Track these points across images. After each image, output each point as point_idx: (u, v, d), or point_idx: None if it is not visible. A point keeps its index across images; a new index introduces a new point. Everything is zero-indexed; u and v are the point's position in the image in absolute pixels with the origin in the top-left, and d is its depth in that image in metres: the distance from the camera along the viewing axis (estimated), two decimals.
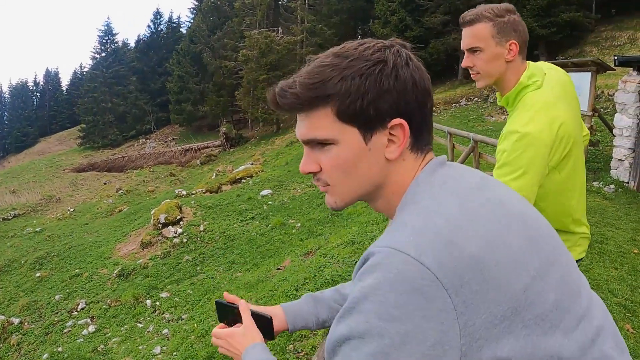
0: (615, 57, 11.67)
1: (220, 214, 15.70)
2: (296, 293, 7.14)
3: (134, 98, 61.71)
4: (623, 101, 11.59)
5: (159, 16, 72.16)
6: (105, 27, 66.78)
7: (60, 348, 9.74)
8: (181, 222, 14.85)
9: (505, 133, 2.23)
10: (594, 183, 11.84)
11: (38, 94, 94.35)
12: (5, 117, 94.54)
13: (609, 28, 29.21)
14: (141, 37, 74.68)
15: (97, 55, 65.91)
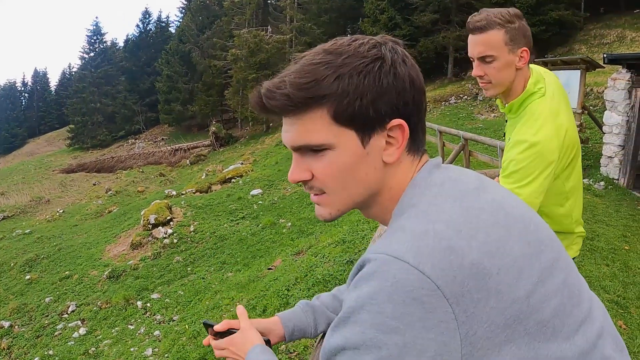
0: (605, 55, 11.76)
1: (211, 214, 15.68)
2: (287, 293, 7.14)
3: (123, 98, 61.46)
4: (612, 98, 11.68)
5: (147, 16, 71.96)
6: (94, 27, 66.47)
7: (51, 351, 9.70)
8: (171, 223, 14.81)
9: (513, 142, 2.20)
10: (584, 180, 11.92)
11: (26, 95, 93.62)
12: None
13: (597, 26, 29.36)
14: (130, 36, 74.37)
15: (85, 55, 65.54)
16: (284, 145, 1.12)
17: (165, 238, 13.96)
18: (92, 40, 65.81)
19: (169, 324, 9.58)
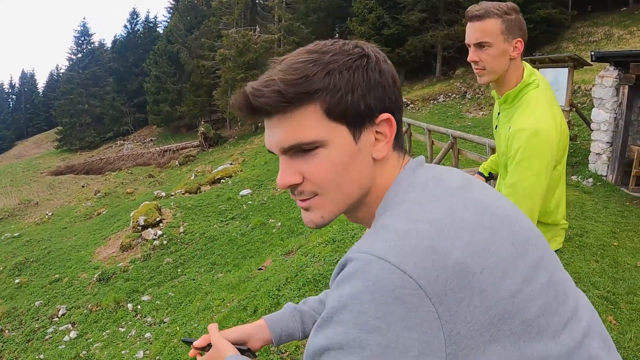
0: (592, 53, 11.85)
1: (200, 214, 15.66)
2: (278, 293, 7.14)
3: (111, 99, 61.21)
4: (600, 96, 11.77)
5: (135, 16, 71.69)
6: (82, 28, 66.13)
7: (42, 355, 9.68)
8: (161, 224, 14.79)
9: (514, 131, 2.24)
10: (573, 177, 12.00)
11: (14, 97, 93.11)
12: None
13: (585, 24, 29.51)
14: (118, 37, 74.30)
15: (73, 56, 65.21)
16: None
17: (155, 239, 13.93)
18: (80, 41, 65.52)
19: (159, 326, 9.56)
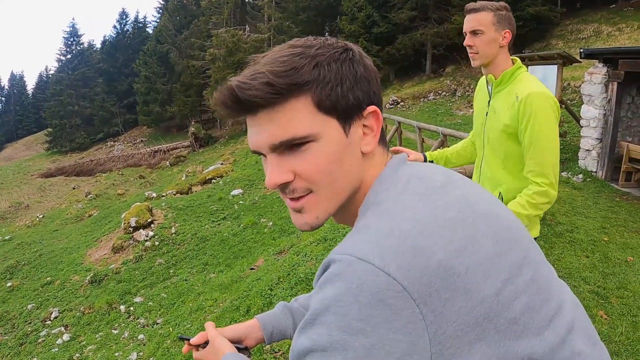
0: (581, 50, 11.95)
1: (192, 215, 15.63)
2: (270, 292, 7.16)
3: (101, 100, 61.14)
4: (589, 92, 11.86)
5: (124, 16, 71.73)
6: (71, 29, 66.24)
7: (35, 359, 9.64)
8: (152, 225, 14.75)
9: (525, 96, 2.57)
10: (563, 173, 12.09)
11: (3, 99, 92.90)
12: None
13: (574, 21, 29.64)
14: (107, 38, 74.21)
15: (62, 58, 65.21)
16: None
17: (146, 241, 13.90)
18: (69, 42, 65.50)
19: (152, 327, 9.55)
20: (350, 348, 0.82)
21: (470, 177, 2.83)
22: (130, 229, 14.41)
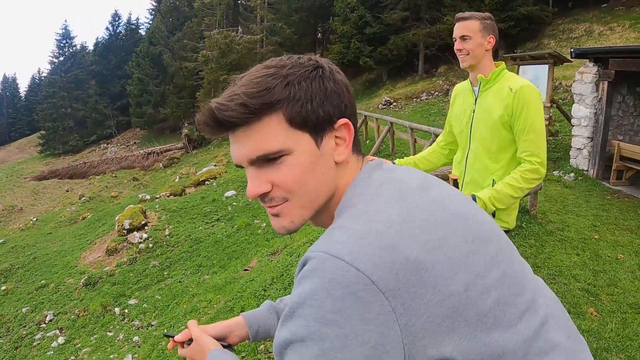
0: (572, 50, 12.02)
1: (185, 217, 15.64)
2: (264, 293, 7.18)
3: (94, 102, 60.84)
4: (580, 92, 11.93)
5: (117, 18, 71.51)
6: (63, 31, 65.75)
7: None
8: (146, 227, 14.76)
9: (518, 88, 2.95)
10: (555, 172, 12.16)
11: None
12: None
13: (566, 21, 29.76)
14: (100, 39, 73.85)
15: (55, 60, 64.79)
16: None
17: (140, 243, 13.90)
18: (62, 44, 65.09)
19: (147, 329, 9.57)
20: (326, 338, 0.87)
21: (445, 179, 3.06)
22: (124, 231, 14.40)
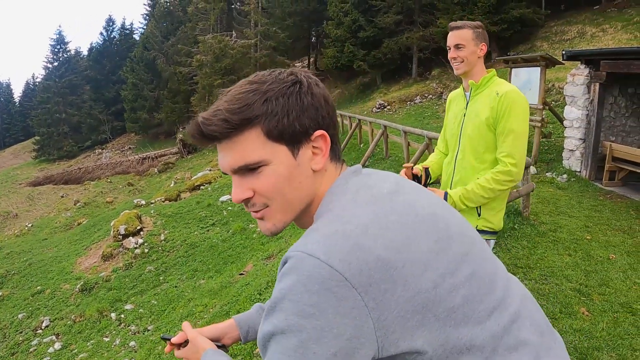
0: (564, 52, 12.08)
1: (181, 222, 15.66)
2: (260, 297, 7.23)
3: (89, 107, 60.81)
4: (572, 94, 11.99)
5: (111, 23, 71.35)
6: (57, 36, 65.56)
7: None
8: (141, 233, 14.78)
9: (504, 92, 3.06)
10: (547, 174, 12.22)
11: None
12: None
13: (558, 23, 29.80)
14: (94, 45, 73.66)
15: (49, 65, 64.61)
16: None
17: (136, 248, 13.92)
18: (56, 50, 64.92)
19: (144, 334, 9.58)
20: (304, 330, 0.95)
21: None
22: (119, 236, 14.42)
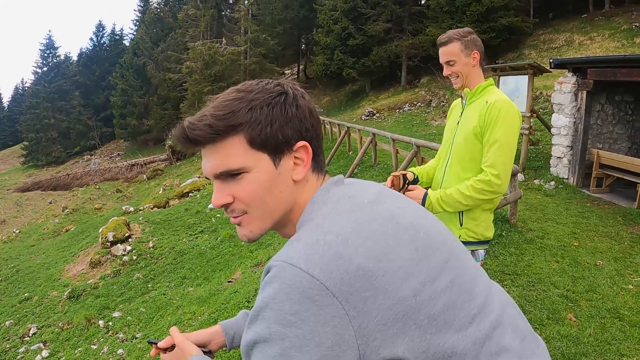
0: (551, 60, 12.18)
1: (169, 229, 15.62)
2: (248, 305, 7.22)
3: (78, 113, 60.52)
4: (559, 101, 12.10)
5: (101, 28, 71.08)
6: (47, 41, 65.49)
7: None
8: (130, 240, 14.73)
9: (493, 101, 2.97)
10: (535, 181, 12.30)
11: None
12: None
13: (546, 31, 30.05)
14: (84, 50, 73.19)
15: (39, 70, 64.54)
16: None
17: (124, 255, 13.87)
18: (46, 55, 64.79)
19: (132, 341, 9.52)
20: (286, 338, 0.96)
21: None
22: (107, 243, 14.37)
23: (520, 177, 12.30)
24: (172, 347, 1.55)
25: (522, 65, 13.47)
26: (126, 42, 70.35)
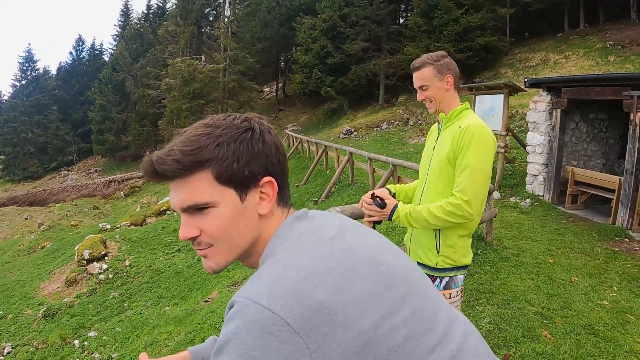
0: (526, 80, 12.37)
1: (146, 247, 15.53)
2: None
3: (55, 128, 59.86)
4: (534, 120, 12.28)
5: (81, 43, 70.69)
6: (27, 54, 64.86)
7: None
8: (106, 258, 14.61)
9: (466, 126, 2.91)
10: (511, 199, 12.41)
11: None
12: None
13: (522, 50, 30.52)
14: (63, 64, 72.56)
15: (17, 83, 63.72)
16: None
17: (100, 273, 13.75)
18: (24, 68, 64.06)
19: None
20: None
21: None
22: (83, 261, 14.24)
23: (496, 194, 12.41)
24: None
25: (498, 85, 13.62)
26: (106, 57, 69.91)
